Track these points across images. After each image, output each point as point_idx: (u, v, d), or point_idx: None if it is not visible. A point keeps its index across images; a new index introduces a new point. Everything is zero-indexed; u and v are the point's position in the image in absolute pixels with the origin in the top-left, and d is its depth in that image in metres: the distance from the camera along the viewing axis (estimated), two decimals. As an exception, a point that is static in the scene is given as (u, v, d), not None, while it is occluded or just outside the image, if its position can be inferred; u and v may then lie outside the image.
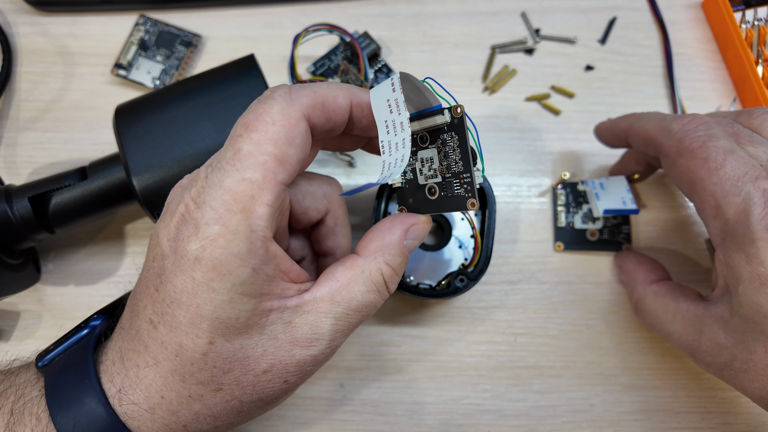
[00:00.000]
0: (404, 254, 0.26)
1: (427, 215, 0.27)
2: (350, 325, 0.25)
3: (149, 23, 0.43)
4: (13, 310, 0.38)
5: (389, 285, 0.26)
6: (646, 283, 0.34)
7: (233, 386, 0.23)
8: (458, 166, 0.25)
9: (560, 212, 0.38)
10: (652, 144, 0.31)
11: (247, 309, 0.22)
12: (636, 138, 0.33)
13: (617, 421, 0.36)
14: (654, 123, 0.31)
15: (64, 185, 0.34)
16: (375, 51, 0.42)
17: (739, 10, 0.42)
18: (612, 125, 0.35)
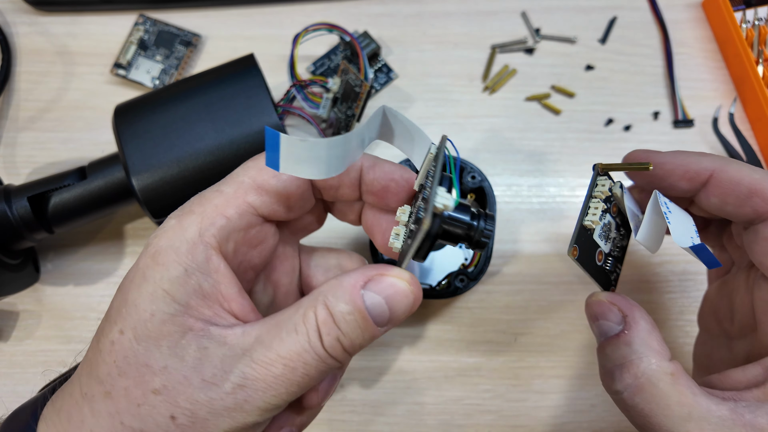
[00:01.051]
0: (354, 304, 0.20)
1: (408, 276, 0.21)
2: (269, 377, 0.20)
3: (149, 23, 0.43)
4: (12, 310, 0.38)
5: (324, 337, 0.20)
6: (662, 356, 0.24)
7: (121, 396, 0.20)
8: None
9: (595, 208, 0.26)
10: (758, 199, 0.24)
11: (165, 311, 0.20)
12: (731, 185, 0.25)
13: (618, 421, 0.35)
14: (761, 173, 0.25)
15: (64, 185, 0.33)
16: (375, 50, 0.42)
17: (740, 10, 0.42)
18: (679, 161, 0.26)
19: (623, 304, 0.26)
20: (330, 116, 0.39)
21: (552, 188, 0.40)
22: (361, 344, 0.21)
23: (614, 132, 0.41)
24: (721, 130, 0.41)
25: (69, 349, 0.37)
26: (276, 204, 0.23)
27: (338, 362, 0.21)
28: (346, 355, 0.21)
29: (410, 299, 0.22)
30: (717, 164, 0.26)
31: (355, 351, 0.21)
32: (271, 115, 0.33)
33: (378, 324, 0.21)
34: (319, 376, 0.21)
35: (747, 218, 0.26)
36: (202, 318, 0.21)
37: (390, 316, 0.21)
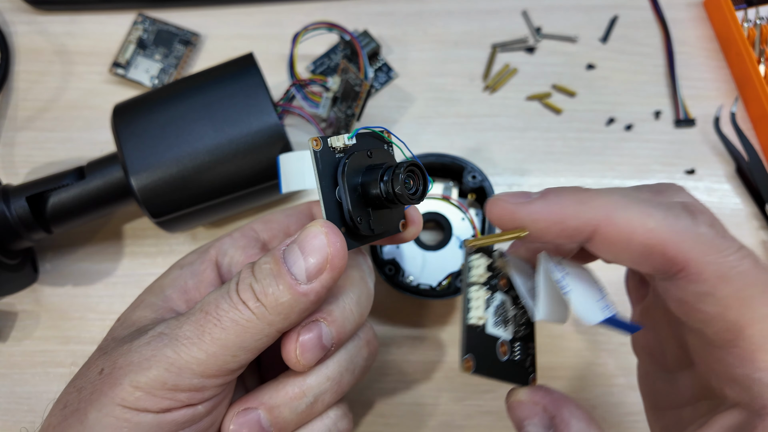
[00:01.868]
0: (273, 255, 0.21)
1: (321, 220, 0.21)
2: (186, 323, 0.21)
3: (147, 22, 0.42)
4: (11, 310, 0.38)
5: (239, 284, 0.21)
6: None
7: (86, 362, 0.24)
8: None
9: (477, 298, 0.21)
10: (658, 256, 0.19)
11: (152, 300, 0.25)
12: (621, 242, 0.20)
13: (618, 422, 0.35)
14: (659, 219, 0.19)
15: (62, 185, 0.33)
16: (375, 50, 0.42)
17: (741, 9, 0.42)
18: (555, 216, 0.20)
19: (548, 402, 0.22)
20: (330, 115, 0.39)
21: (553, 188, 0.40)
22: (276, 294, 0.20)
23: (615, 131, 0.41)
24: (723, 129, 0.41)
25: (67, 350, 0.37)
26: (278, 232, 0.27)
27: (252, 313, 0.20)
28: (258, 304, 0.20)
29: (321, 241, 0.21)
30: (602, 213, 0.20)
31: (273, 302, 0.20)
32: (271, 114, 0.32)
33: (294, 273, 0.20)
34: (234, 328, 0.20)
35: (648, 275, 0.22)
36: (175, 309, 0.25)
37: (306, 263, 0.20)
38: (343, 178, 0.21)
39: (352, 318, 0.23)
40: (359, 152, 0.22)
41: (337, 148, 0.22)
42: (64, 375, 0.36)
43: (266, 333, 0.21)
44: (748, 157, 0.40)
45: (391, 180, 0.21)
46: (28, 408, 0.36)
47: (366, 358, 0.25)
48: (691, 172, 0.40)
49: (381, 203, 0.22)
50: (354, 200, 0.22)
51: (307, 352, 0.22)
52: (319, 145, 0.21)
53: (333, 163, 0.22)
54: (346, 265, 0.21)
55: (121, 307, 0.37)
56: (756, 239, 0.39)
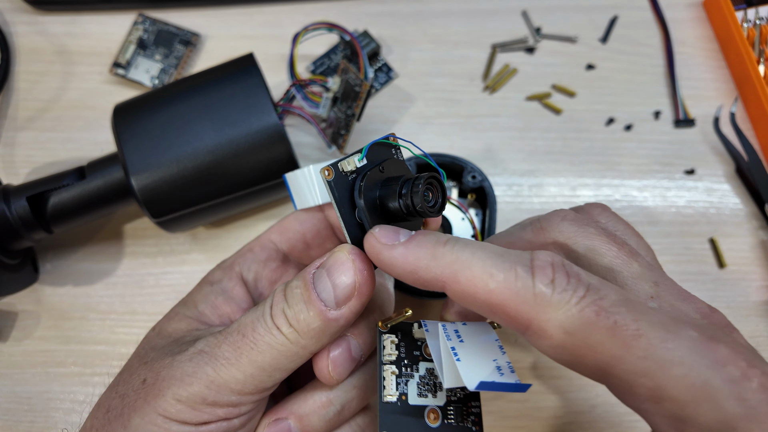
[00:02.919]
0: (303, 279, 0.22)
1: (348, 247, 0.22)
2: (224, 343, 0.22)
3: (148, 22, 0.42)
4: (11, 310, 0.38)
5: (273, 308, 0.23)
6: None
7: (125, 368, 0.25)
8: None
9: (388, 374, 0.22)
10: (502, 315, 0.19)
11: (185, 313, 0.26)
12: (467, 299, 0.20)
13: (618, 422, 0.35)
14: (500, 281, 0.19)
15: (63, 185, 0.33)
16: (375, 50, 0.42)
17: (741, 9, 0.42)
18: (404, 261, 0.20)
19: None
20: (330, 116, 0.39)
21: (553, 188, 0.40)
22: (307, 320, 0.21)
23: (615, 131, 0.41)
24: (723, 129, 0.41)
25: (68, 350, 0.37)
26: (296, 242, 0.28)
27: (286, 338, 0.21)
28: (291, 330, 0.21)
29: (349, 269, 0.21)
30: (448, 271, 0.19)
31: (305, 328, 0.21)
32: (271, 114, 0.32)
33: (323, 299, 0.21)
34: (270, 351, 0.21)
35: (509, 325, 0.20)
36: (207, 322, 0.26)
37: (334, 290, 0.21)
38: (362, 200, 0.22)
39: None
40: (372, 170, 0.22)
41: (349, 171, 0.22)
42: (64, 375, 0.36)
43: (300, 355, 0.22)
44: (747, 157, 0.40)
45: (410, 194, 0.21)
46: (29, 408, 0.36)
47: None
48: (690, 172, 0.40)
49: (401, 217, 0.22)
50: (374, 219, 0.22)
51: (339, 367, 0.23)
52: (332, 174, 0.22)
53: (348, 186, 0.22)
54: (374, 289, 0.22)
55: (122, 307, 0.38)
56: (755, 239, 0.39)
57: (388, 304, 0.26)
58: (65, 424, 0.35)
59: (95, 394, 0.35)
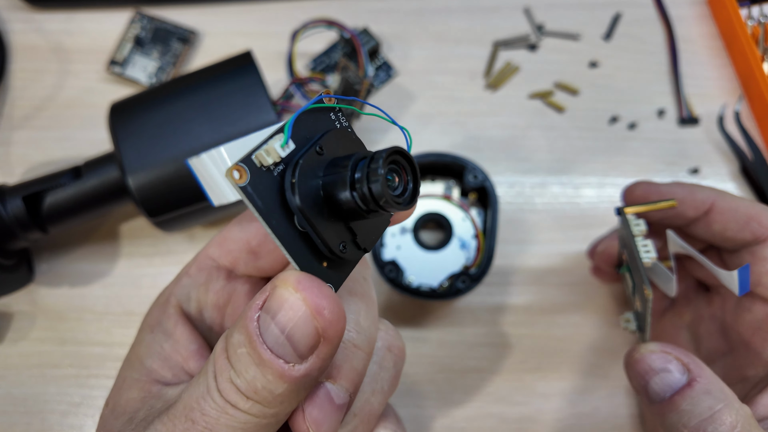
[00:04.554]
0: (246, 331, 0.16)
1: (294, 278, 0.16)
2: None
3: (144, 19, 0.42)
4: (7, 311, 0.37)
5: (218, 378, 0.17)
6: (736, 397, 0.23)
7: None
8: None
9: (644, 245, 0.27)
10: (755, 223, 0.26)
11: (134, 376, 0.21)
12: (727, 214, 0.27)
13: (621, 424, 0.35)
14: (749, 203, 0.27)
15: (59, 184, 0.33)
16: (375, 47, 0.41)
17: (745, 6, 0.41)
18: (686, 192, 0.28)
19: (678, 351, 0.24)
20: (329, 114, 0.39)
21: (555, 187, 0.40)
22: (268, 387, 0.16)
23: (619, 130, 0.41)
24: (727, 128, 0.40)
25: (64, 351, 0.36)
26: (239, 252, 0.22)
27: (247, 414, 0.16)
28: (251, 403, 0.16)
29: (302, 312, 0.16)
30: (715, 195, 0.28)
31: (268, 397, 0.16)
32: (269, 113, 0.32)
33: (280, 355, 0.16)
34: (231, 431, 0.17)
35: (745, 242, 0.27)
36: (161, 380, 0.21)
37: (290, 341, 0.16)
38: (298, 200, 0.15)
39: (361, 353, 0.19)
40: (306, 154, 0.16)
41: (271, 165, 0.15)
42: (60, 377, 0.36)
43: (275, 422, 0.17)
44: (752, 155, 0.39)
45: (366, 180, 0.15)
46: (25, 410, 0.35)
47: (392, 367, 0.22)
48: (695, 171, 0.40)
49: (359, 213, 0.16)
50: (324, 224, 0.16)
51: (323, 424, 0.18)
52: (245, 176, 0.15)
53: (274, 186, 0.15)
54: (345, 325, 0.17)
55: (118, 308, 0.37)
56: (761, 239, 0.38)
57: (370, 318, 0.20)
58: (61, 426, 0.35)
59: (91, 396, 0.35)
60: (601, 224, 0.38)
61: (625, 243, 0.29)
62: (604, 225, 0.38)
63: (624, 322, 0.28)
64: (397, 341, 0.22)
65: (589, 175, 0.40)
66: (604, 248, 0.32)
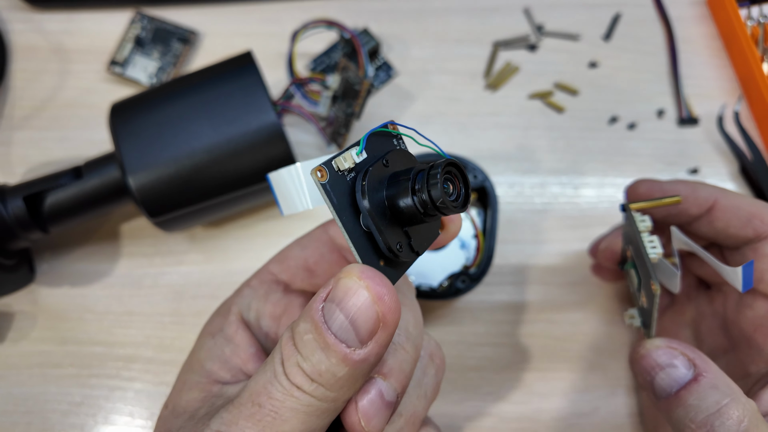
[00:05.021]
0: (312, 320, 0.18)
1: (358, 270, 0.18)
2: (240, 418, 0.19)
3: (145, 20, 0.42)
4: (8, 311, 0.37)
5: (285, 363, 0.18)
6: (742, 393, 0.23)
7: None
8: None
9: (650, 241, 0.26)
10: (757, 221, 0.27)
11: (194, 379, 0.23)
12: (730, 212, 0.28)
13: (621, 424, 0.35)
14: (750, 200, 0.28)
15: (59, 184, 0.33)
16: (375, 47, 0.41)
17: (745, 7, 0.41)
18: (690, 190, 0.28)
19: (683, 347, 0.24)
20: (329, 114, 0.39)
21: (555, 187, 0.40)
22: (331, 369, 0.17)
23: (618, 130, 0.41)
24: (727, 128, 0.40)
25: (65, 351, 0.37)
26: (297, 269, 0.25)
27: (311, 396, 0.18)
28: (315, 385, 0.18)
29: (365, 299, 0.17)
30: (718, 192, 0.28)
31: (330, 379, 0.18)
32: (269, 113, 0.32)
33: (343, 339, 0.17)
34: (296, 416, 0.18)
35: (747, 239, 0.27)
36: (221, 380, 0.23)
37: (354, 326, 0.17)
38: (367, 202, 0.18)
39: (409, 356, 0.21)
40: (374, 164, 0.18)
41: (346, 169, 0.18)
42: (61, 376, 0.36)
43: (332, 409, 0.19)
44: (751, 156, 0.39)
45: (426, 187, 0.17)
46: (25, 410, 0.35)
47: (435, 375, 0.23)
48: (694, 171, 0.40)
49: (417, 218, 0.18)
50: (386, 226, 0.18)
51: (373, 418, 0.19)
52: (325, 175, 0.17)
53: (347, 188, 0.18)
54: (400, 314, 0.18)
55: (119, 308, 0.37)
56: (760, 239, 0.38)
57: (416, 326, 0.22)
58: (62, 426, 0.35)
59: (92, 396, 0.35)
60: (601, 224, 0.38)
61: (630, 239, 0.29)
62: (604, 225, 0.38)
63: (628, 318, 0.28)
64: (438, 351, 0.24)
65: (589, 175, 0.40)
66: (606, 245, 0.32)
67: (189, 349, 0.26)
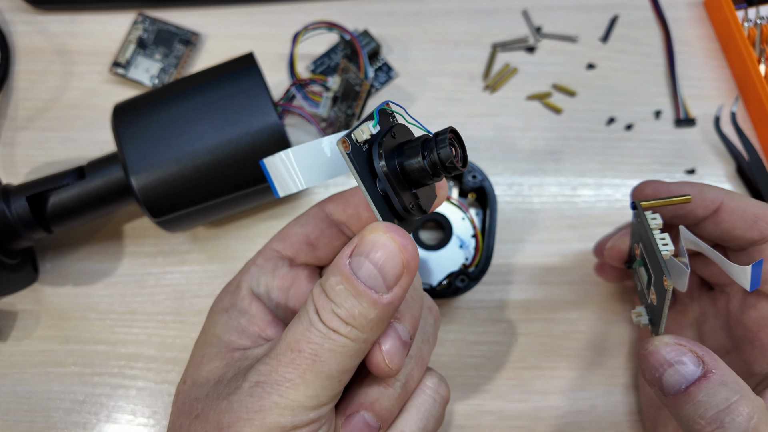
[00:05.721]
0: (342, 273, 0.20)
1: (383, 226, 0.20)
2: (280, 366, 0.21)
3: (148, 21, 0.42)
4: (11, 310, 0.38)
5: (320, 311, 0.21)
6: (750, 389, 0.23)
7: (175, 430, 0.23)
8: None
9: (662, 238, 0.27)
10: (763, 223, 0.27)
11: (213, 351, 0.24)
12: (735, 213, 0.28)
13: (619, 422, 0.35)
14: (756, 203, 0.28)
15: (62, 184, 0.33)
16: (375, 49, 0.42)
17: (742, 9, 0.42)
18: (696, 191, 0.29)
19: (691, 344, 0.24)
20: (330, 115, 0.39)
21: (553, 188, 0.40)
22: (363, 313, 0.20)
23: (616, 131, 0.41)
24: (723, 129, 0.41)
25: (68, 350, 0.37)
26: (300, 245, 0.27)
27: (346, 338, 0.20)
28: (350, 328, 0.20)
29: (392, 248, 0.20)
30: (724, 194, 0.28)
31: (363, 322, 0.20)
32: (271, 114, 0.32)
33: (372, 286, 0.20)
34: (334, 356, 0.20)
35: (752, 240, 0.28)
36: (241, 347, 0.24)
37: (382, 274, 0.20)
38: (384, 167, 0.20)
39: (416, 303, 0.24)
40: (385, 135, 0.21)
41: (363, 141, 0.21)
42: (64, 375, 0.36)
43: (363, 350, 0.21)
44: (748, 156, 0.40)
45: (435, 150, 0.20)
46: (29, 408, 0.36)
47: (433, 324, 0.26)
48: (691, 171, 0.40)
49: (423, 180, 0.21)
50: (400, 188, 0.21)
51: (395, 356, 0.22)
52: (348, 146, 0.20)
53: (365, 157, 0.21)
54: (419, 261, 0.21)
55: (122, 307, 0.38)
56: (756, 239, 0.39)
57: (420, 279, 0.26)
58: (65, 424, 0.35)
59: (95, 394, 0.36)
60: (599, 224, 0.39)
61: (640, 237, 0.29)
62: (602, 224, 0.39)
63: (636, 316, 0.29)
64: (433, 304, 0.27)
65: (587, 175, 0.40)
66: (613, 244, 0.32)
67: (191, 348, 0.26)
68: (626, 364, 0.36)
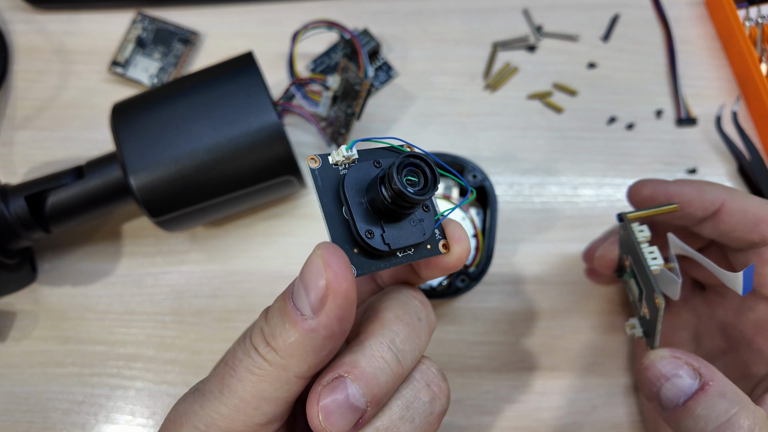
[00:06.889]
0: (283, 293, 0.19)
1: (326, 245, 0.19)
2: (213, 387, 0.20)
3: (146, 20, 0.42)
4: (9, 310, 0.37)
5: (253, 329, 0.20)
6: (750, 400, 0.23)
7: None
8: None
9: (650, 252, 0.26)
10: (764, 225, 0.26)
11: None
12: (737, 215, 0.27)
13: (619, 423, 0.35)
14: (758, 203, 0.27)
15: (61, 184, 0.33)
16: (375, 48, 0.42)
17: (743, 8, 0.41)
18: (696, 192, 0.28)
19: (687, 356, 0.24)
20: (330, 114, 0.39)
21: (554, 187, 0.40)
22: (284, 335, 0.18)
23: (617, 130, 0.41)
24: (725, 128, 0.41)
25: (66, 350, 0.37)
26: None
27: (263, 359, 0.19)
28: (269, 349, 0.19)
29: (316, 265, 0.18)
30: (725, 194, 0.27)
31: (282, 344, 0.18)
32: (270, 113, 0.32)
33: (299, 307, 0.18)
34: (249, 377, 0.19)
35: (752, 243, 0.27)
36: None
37: (306, 293, 0.18)
38: (343, 191, 0.20)
39: (387, 367, 0.20)
40: (365, 163, 0.20)
41: (338, 162, 0.20)
42: (63, 375, 0.36)
43: (283, 380, 0.19)
44: (749, 156, 0.40)
45: (387, 177, 0.19)
46: (27, 408, 0.36)
47: (429, 403, 0.21)
48: (692, 171, 0.40)
49: (393, 212, 0.20)
50: (361, 214, 0.20)
51: (332, 415, 0.19)
52: (318, 162, 0.20)
53: (335, 179, 0.20)
54: (353, 288, 0.18)
55: (120, 307, 0.37)
56: (758, 239, 0.39)
57: (409, 343, 0.21)
58: (64, 424, 0.35)
59: (93, 394, 0.36)
60: (600, 224, 0.39)
61: (629, 249, 0.28)
62: (603, 224, 0.39)
63: (629, 328, 0.28)
64: (438, 381, 0.22)
65: (588, 175, 0.40)
66: (603, 253, 0.31)
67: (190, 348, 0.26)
68: (627, 364, 0.36)
